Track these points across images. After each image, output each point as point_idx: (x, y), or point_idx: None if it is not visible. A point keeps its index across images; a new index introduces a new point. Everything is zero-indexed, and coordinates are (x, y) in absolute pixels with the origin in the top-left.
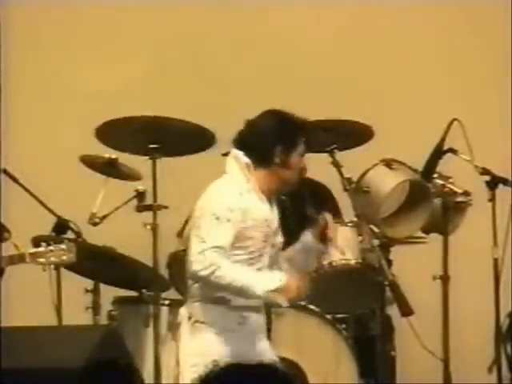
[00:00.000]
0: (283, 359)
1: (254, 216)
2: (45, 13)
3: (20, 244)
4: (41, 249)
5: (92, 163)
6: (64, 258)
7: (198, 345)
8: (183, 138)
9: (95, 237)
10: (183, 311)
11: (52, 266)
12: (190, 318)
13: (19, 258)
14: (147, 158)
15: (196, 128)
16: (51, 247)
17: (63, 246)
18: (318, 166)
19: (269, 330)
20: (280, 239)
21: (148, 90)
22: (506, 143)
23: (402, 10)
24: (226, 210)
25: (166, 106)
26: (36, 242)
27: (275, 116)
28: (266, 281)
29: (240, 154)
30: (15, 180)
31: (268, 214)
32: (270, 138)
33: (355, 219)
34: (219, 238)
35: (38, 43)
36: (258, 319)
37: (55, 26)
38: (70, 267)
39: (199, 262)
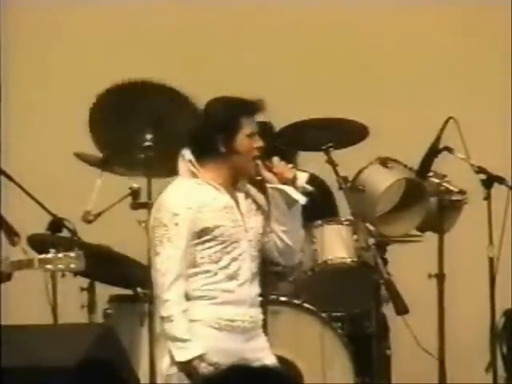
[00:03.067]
0: (279, 358)
1: (212, 208)
2: (43, 12)
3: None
4: (50, 255)
5: (86, 159)
6: (72, 265)
7: None
8: None
9: (89, 235)
10: None
11: None
12: None
13: (28, 264)
14: None
15: None
16: (60, 254)
17: (72, 254)
18: (313, 165)
19: (264, 327)
20: (256, 221)
21: None
22: (504, 142)
23: (399, 10)
24: (171, 216)
25: None
26: (31, 240)
27: (211, 105)
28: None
29: (186, 152)
30: (10, 178)
31: (228, 202)
32: (209, 129)
33: (351, 218)
34: (171, 246)
35: (37, 43)
36: (251, 315)
37: (55, 25)
38: None
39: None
